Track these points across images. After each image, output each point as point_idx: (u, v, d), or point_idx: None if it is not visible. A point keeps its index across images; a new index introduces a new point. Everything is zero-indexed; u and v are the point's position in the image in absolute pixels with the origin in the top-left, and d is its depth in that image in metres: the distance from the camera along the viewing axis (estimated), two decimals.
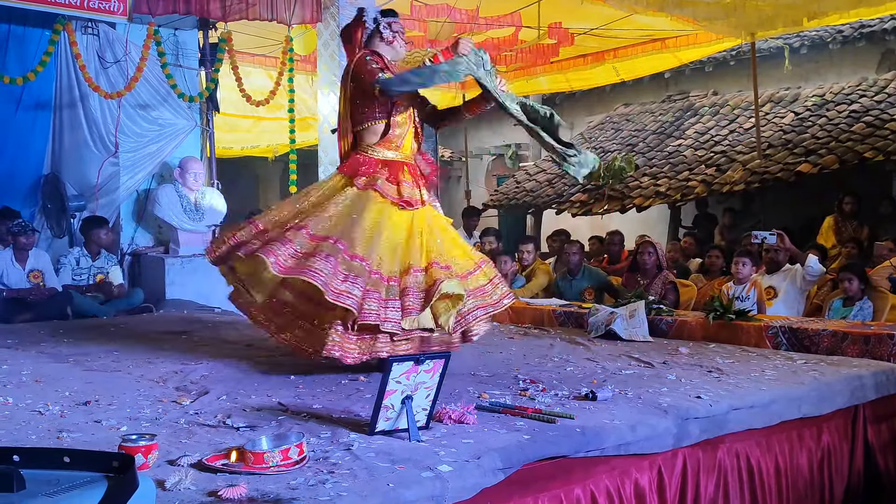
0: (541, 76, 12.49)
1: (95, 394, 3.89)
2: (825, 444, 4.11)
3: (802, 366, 4.59)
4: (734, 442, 3.70)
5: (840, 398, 4.16)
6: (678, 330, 5.84)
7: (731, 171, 10.44)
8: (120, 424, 3.31)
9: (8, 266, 7.38)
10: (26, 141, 8.41)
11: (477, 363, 4.72)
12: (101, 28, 8.24)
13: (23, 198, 8.38)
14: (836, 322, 5.67)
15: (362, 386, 4.07)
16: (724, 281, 7.22)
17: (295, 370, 4.46)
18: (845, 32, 11.57)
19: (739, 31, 9.49)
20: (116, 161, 8.40)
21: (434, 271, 4.29)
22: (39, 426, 3.29)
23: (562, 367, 4.62)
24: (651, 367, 4.57)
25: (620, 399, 3.71)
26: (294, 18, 7.89)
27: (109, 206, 8.44)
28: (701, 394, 3.79)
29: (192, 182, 8.37)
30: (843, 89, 11.34)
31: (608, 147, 13.23)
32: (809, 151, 10.03)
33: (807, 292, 7.05)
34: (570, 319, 6.47)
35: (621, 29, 10.35)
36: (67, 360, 4.97)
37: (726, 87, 13.26)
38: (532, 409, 3.43)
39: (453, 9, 9.39)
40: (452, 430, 3.15)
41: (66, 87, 8.41)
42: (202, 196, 8.48)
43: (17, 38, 8.15)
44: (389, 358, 2.98)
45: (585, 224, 13.15)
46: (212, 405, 3.66)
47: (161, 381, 4.28)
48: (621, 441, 3.24)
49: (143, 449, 2.65)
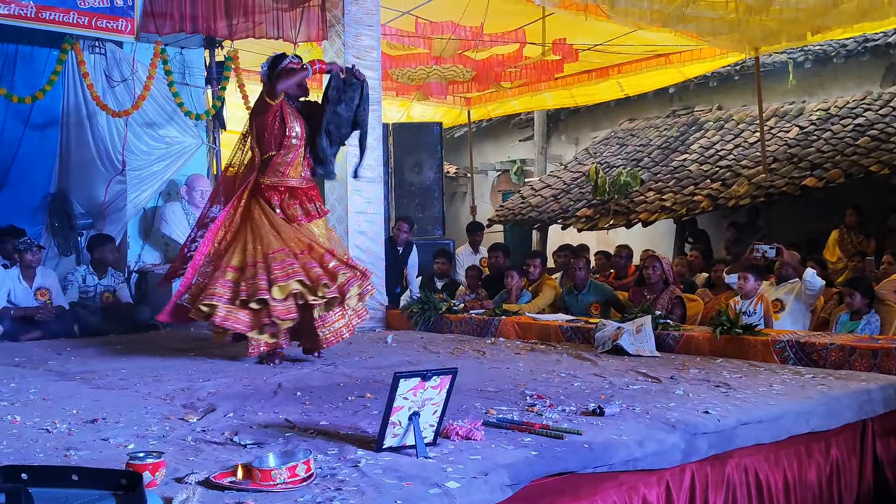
0: (545, 92, 12.55)
1: (103, 411, 3.89)
2: (834, 458, 4.10)
3: (810, 380, 4.58)
4: (742, 457, 3.69)
5: (848, 412, 4.15)
6: (685, 345, 5.83)
7: (736, 186, 10.44)
8: (127, 442, 3.31)
9: (15, 284, 7.41)
10: (34, 159, 8.45)
11: (484, 379, 4.72)
12: (109, 47, 8.30)
13: (30, 216, 8.41)
14: (843, 336, 5.65)
15: (369, 402, 4.07)
16: (731, 295, 7.21)
17: (302, 387, 4.46)
18: (849, 47, 11.60)
19: (743, 46, 9.52)
20: (123, 179, 8.42)
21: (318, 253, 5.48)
22: (47, 444, 3.29)
23: (569, 383, 4.61)
24: (658, 382, 4.56)
25: (628, 414, 3.71)
26: (300, 36, 7.92)
27: (116, 224, 8.46)
28: (709, 409, 3.78)
29: (199, 199, 8.39)
30: (848, 103, 11.35)
31: (613, 162, 13.25)
32: (815, 165, 10.03)
33: (812, 306, 7.04)
34: (577, 335, 6.47)
35: (625, 45, 10.40)
36: (75, 378, 4.98)
37: (731, 101, 13.28)
38: (539, 424, 3.43)
39: (458, 26, 9.43)
40: (460, 447, 3.14)
41: (74, 106, 8.46)
42: None
43: (25, 57, 8.21)
44: (396, 374, 2.99)
45: (591, 239, 13.16)
46: (219, 422, 3.66)
47: (168, 398, 4.28)
48: (629, 456, 3.24)
49: (151, 466, 2.65)
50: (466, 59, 10.58)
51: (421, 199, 10.88)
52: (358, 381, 4.78)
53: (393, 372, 3.08)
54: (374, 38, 8.12)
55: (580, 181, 13.03)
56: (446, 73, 10.56)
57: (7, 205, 8.33)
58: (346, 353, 6.01)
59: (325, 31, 8.01)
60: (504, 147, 16.96)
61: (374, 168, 8.09)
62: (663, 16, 8.00)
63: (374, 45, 8.12)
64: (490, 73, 11.06)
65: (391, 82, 10.85)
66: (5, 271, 7.52)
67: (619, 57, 11.14)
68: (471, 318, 7.30)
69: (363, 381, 4.77)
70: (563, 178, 13.62)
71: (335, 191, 8.04)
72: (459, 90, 12.20)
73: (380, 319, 7.93)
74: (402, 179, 10.78)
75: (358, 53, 7.98)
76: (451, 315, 7.50)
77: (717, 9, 8.06)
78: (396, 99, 12.39)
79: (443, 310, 7.57)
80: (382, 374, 4.85)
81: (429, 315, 7.56)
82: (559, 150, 16.06)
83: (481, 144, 16.65)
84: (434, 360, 5.64)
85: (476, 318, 7.24)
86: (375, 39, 8.15)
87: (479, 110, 13.78)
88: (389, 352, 6.20)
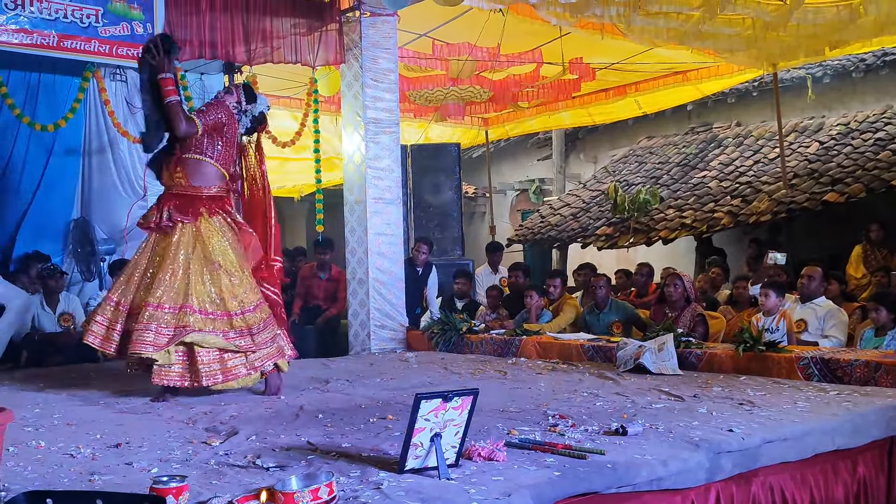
0: (563, 111, 12.55)
1: (126, 436, 3.91)
2: (861, 476, 4.05)
3: (835, 397, 4.53)
4: (768, 475, 3.65)
5: (875, 429, 4.10)
6: (708, 363, 5.80)
7: (756, 202, 10.39)
8: (151, 466, 3.32)
9: (38, 310, 7.48)
10: (57, 186, 8.55)
11: (506, 399, 4.71)
12: (130, 74, 8.41)
13: (53, 242, 8.51)
14: (868, 352, 5.60)
15: (391, 424, 4.07)
16: (753, 312, 7.16)
17: (323, 409, 4.47)
18: (868, 61, 11.55)
19: (761, 62, 9.48)
20: (145, 204, 8.44)
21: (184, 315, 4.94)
22: (71, 469, 3.30)
23: (591, 402, 4.59)
24: (681, 401, 4.53)
25: (651, 433, 3.68)
26: (318, 60, 7.99)
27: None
28: (733, 427, 3.75)
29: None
30: (868, 117, 11.28)
31: (632, 180, 13.22)
32: (836, 180, 9.97)
33: (833, 325, 6.94)
34: (599, 354, 6.44)
35: (642, 63, 10.39)
36: (98, 402, 5.01)
37: (749, 117, 13.24)
38: (562, 444, 3.41)
39: (474, 47, 9.47)
40: (482, 468, 3.13)
41: (96, 133, 8.57)
42: None
43: (47, 86, 8.33)
44: (417, 395, 2.98)
45: (612, 257, 13.11)
46: (241, 445, 3.67)
47: (191, 422, 4.30)
48: (653, 476, 3.21)
49: (174, 490, 2.65)
50: (483, 80, 10.62)
51: (440, 220, 10.89)
52: (379, 402, 4.78)
53: (414, 393, 3.08)
54: (391, 60, 8.19)
55: (599, 199, 13.01)
56: (464, 94, 10.59)
57: (31, 231, 8.44)
58: (366, 374, 6.02)
59: (343, 55, 8.08)
60: (522, 166, 16.96)
61: (393, 189, 8.14)
62: (680, 33, 7.99)
63: (391, 67, 8.18)
64: (507, 94, 11.08)
65: (409, 104, 10.90)
66: (29, 297, 7.59)
67: (637, 75, 11.14)
68: (491, 339, 7.29)
69: (384, 402, 4.77)
70: (583, 197, 13.60)
71: (355, 212, 8.09)
72: (477, 111, 12.23)
73: (400, 340, 7.95)
74: (420, 200, 10.80)
75: (375, 76, 8.04)
76: (472, 335, 7.50)
77: (733, 25, 8.04)
78: (414, 120, 12.44)
79: (463, 330, 7.56)
80: (404, 396, 4.85)
81: (449, 336, 7.55)
82: (578, 168, 16.06)
83: (499, 164, 16.66)
84: (455, 381, 5.63)
85: (497, 339, 7.23)
86: (393, 62, 8.21)
87: (496, 130, 13.80)
88: (410, 373, 6.20)
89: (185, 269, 5.07)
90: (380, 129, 8.08)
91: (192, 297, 4.99)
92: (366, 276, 7.93)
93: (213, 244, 5.16)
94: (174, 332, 4.90)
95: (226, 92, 5.72)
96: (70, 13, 6.71)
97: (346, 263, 8.16)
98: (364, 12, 8.04)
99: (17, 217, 8.48)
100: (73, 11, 6.72)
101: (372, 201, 7.98)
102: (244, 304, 5.12)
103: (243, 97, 5.59)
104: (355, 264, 8.05)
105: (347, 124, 8.25)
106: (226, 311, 5.05)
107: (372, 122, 8.03)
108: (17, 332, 7.34)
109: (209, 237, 5.18)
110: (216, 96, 5.64)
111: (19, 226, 8.49)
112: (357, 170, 8.12)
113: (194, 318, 4.94)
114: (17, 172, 8.41)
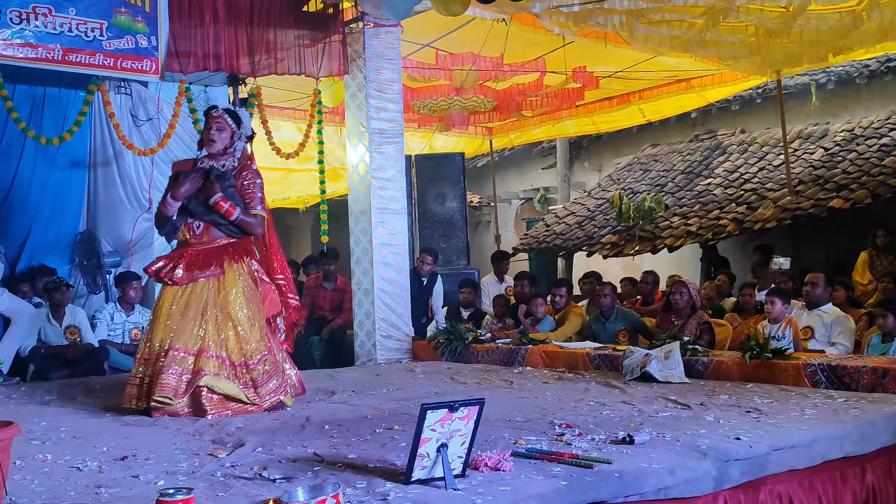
0: (567, 120, 12.57)
1: (133, 448, 3.91)
2: (869, 483, 4.03)
3: (843, 404, 4.52)
4: (776, 483, 3.64)
5: (883, 436, 4.09)
6: (714, 370, 5.78)
7: (762, 209, 10.38)
8: (157, 478, 3.32)
9: (45, 323, 7.49)
10: (62, 199, 8.57)
11: (512, 408, 4.70)
12: (134, 87, 8.43)
13: (59, 255, 8.53)
14: (875, 358, 5.58)
15: (397, 434, 4.07)
16: (759, 319, 7.14)
17: (329, 420, 4.46)
18: (872, 67, 11.54)
19: (765, 69, 9.49)
20: (150, 217, 8.50)
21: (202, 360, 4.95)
22: (78, 482, 3.30)
23: (598, 411, 4.58)
24: (688, 409, 4.52)
25: (658, 442, 3.67)
26: (322, 72, 8.01)
27: (144, 262, 8.46)
28: (740, 435, 3.74)
29: None
30: (873, 123, 11.27)
31: (637, 188, 13.22)
32: (841, 186, 9.96)
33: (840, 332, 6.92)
34: (605, 362, 6.43)
35: (646, 71, 10.41)
36: (105, 415, 5.01)
37: (754, 124, 13.23)
38: (569, 454, 3.40)
39: (478, 56, 9.50)
40: (489, 478, 3.12)
41: (101, 146, 8.59)
42: None
43: (52, 99, 8.36)
44: (423, 405, 2.98)
45: (617, 265, 13.10)
46: (248, 457, 3.67)
47: (197, 434, 4.30)
48: (660, 485, 3.20)
49: (181, 503, 2.65)
50: (487, 90, 10.64)
51: (445, 230, 10.90)
52: (385, 413, 4.77)
53: (420, 403, 3.07)
54: (395, 70, 8.21)
55: (604, 208, 13.01)
56: (467, 103, 10.61)
57: (37, 244, 8.47)
58: (372, 385, 6.01)
59: (347, 66, 8.10)
60: (527, 175, 16.98)
61: (398, 200, 8.15)
62: (683, 41, 8.00)
63: (395, 77, 8.20)
64: (511, 103, 11.10)
65: (413, 114, 10.93)
66: (36, 310, 7.61)
67: (640, 83, 11.15)
68: (497, 348, 7.28)
69: (391, 413, 4.76)
70: (587, 205, 13.60)
71: (359, 223, 8.09)
72: (481, 120, 12.25)
73: (406, 351, 7.94)
74: (425, 210, 10.82)
75: (379, 87, 8.06)
76: (478, 345, 7.49)
77: (737, 33, 8.05)
78: (418, 130, 12.46)
79: (469, 340, 7.56)
80: (410, 406, 4.84)
81: (455, 345, 7.55)
82: (582, 177, 16.06)
83: (504, 173, 16.67)
84: (461, 391, 5.62)
85: (503, 348, 7.23)
86: (396, 72, 8.23)
87: (500, 139, 13.82)
88: (416, 383, 6.19)
89: (204, 316, 5.07)
90: (384, 139, 8.09)
91: (210, 343, 5.00)
92: (371, 287, 7.94)
93: (231, 294, 5.14)
94: (191, 377, 4.91)
95: (246, 140, 5.64)
96: (75, 27, 6.72)
97: (352, 274, 8.16)
98: (367, 23, 8.06)
99: (24, 230, 8.50)
100: (78, 25, 6.74)
101: (377, 211, 7.99)
102: (251, 357, 5.07)
103: (236, 127, 5.44)
104: (360, 275, 8.06)
105: (352, 135, 8.27)
106: (233, 361, 5.03)
107: (376, 132, 8.05)
108: (24, 345, 7.36)
109: (230, 287, 5.15)
110: (237, 153, 5.43)
111: (26, 239, 8.51)
112: (362, 180, 8.13)
113: (210, 364, 4.94)
114: (24, 186, 8.43)
